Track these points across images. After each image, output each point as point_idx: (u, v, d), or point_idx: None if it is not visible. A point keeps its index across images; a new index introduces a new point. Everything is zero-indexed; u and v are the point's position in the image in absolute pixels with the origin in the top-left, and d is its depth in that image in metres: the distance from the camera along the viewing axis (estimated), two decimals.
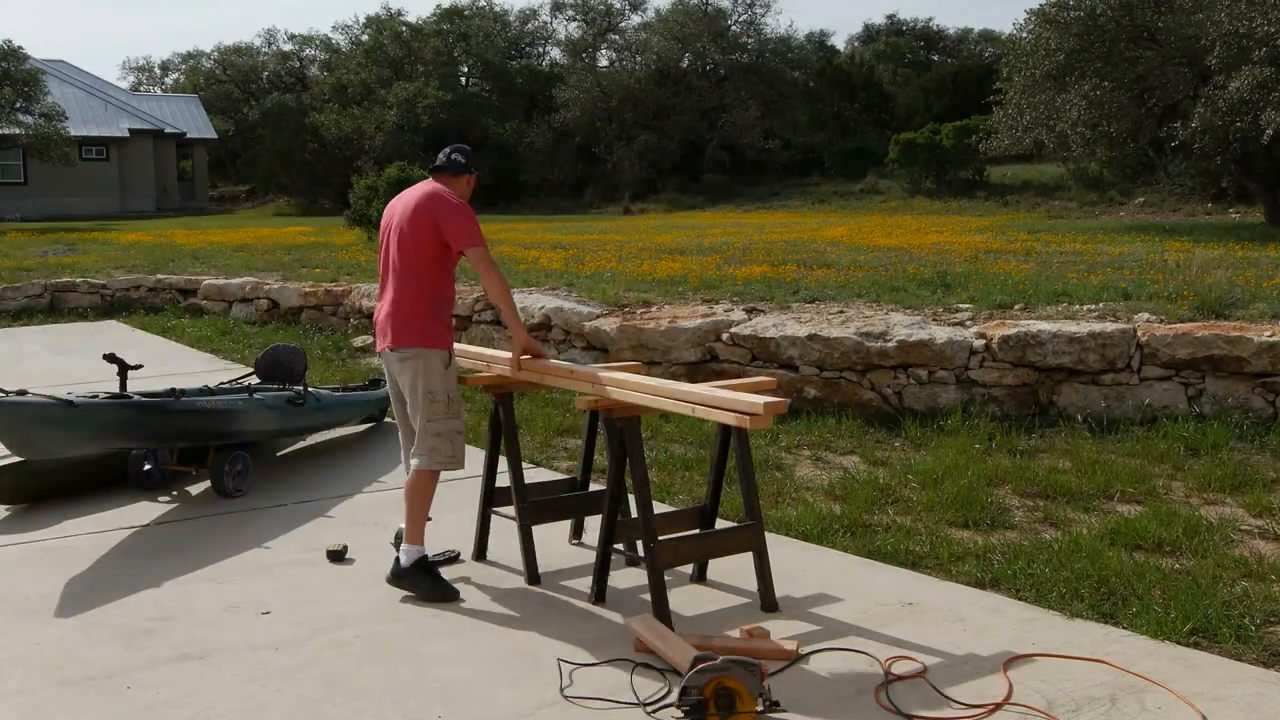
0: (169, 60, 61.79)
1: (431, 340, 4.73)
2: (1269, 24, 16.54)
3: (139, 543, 5.50)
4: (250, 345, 11.45)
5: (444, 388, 4.73)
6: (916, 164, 31.44)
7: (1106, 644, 4.09)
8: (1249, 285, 9.32)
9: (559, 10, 48.86)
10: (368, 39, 50.75)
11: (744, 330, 8.23)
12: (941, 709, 3.63)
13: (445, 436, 4.71)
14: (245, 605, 4.62)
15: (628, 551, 5.06)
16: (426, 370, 4.71)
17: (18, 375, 9.41)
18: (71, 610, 4.57)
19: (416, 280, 4.75)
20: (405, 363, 4.73)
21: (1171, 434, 6.80)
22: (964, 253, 13.98)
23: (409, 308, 4.74)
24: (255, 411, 6.47)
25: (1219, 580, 4.61)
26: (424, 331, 4.73)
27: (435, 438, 4.70)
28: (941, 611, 4.43)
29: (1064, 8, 19.54)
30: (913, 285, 10.12)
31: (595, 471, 5.63)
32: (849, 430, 7.36)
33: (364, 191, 20.91)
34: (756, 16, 42.66)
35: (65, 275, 15.60)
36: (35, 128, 33.39)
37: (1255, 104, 16.81)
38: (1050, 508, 5.69)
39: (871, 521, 5.55)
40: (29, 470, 6.04)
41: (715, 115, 39.19)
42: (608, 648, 4.12)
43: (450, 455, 4.74)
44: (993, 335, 7.60)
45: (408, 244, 4.74)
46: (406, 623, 4.43)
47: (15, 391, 5.54)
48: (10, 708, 3.73)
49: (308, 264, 15.63)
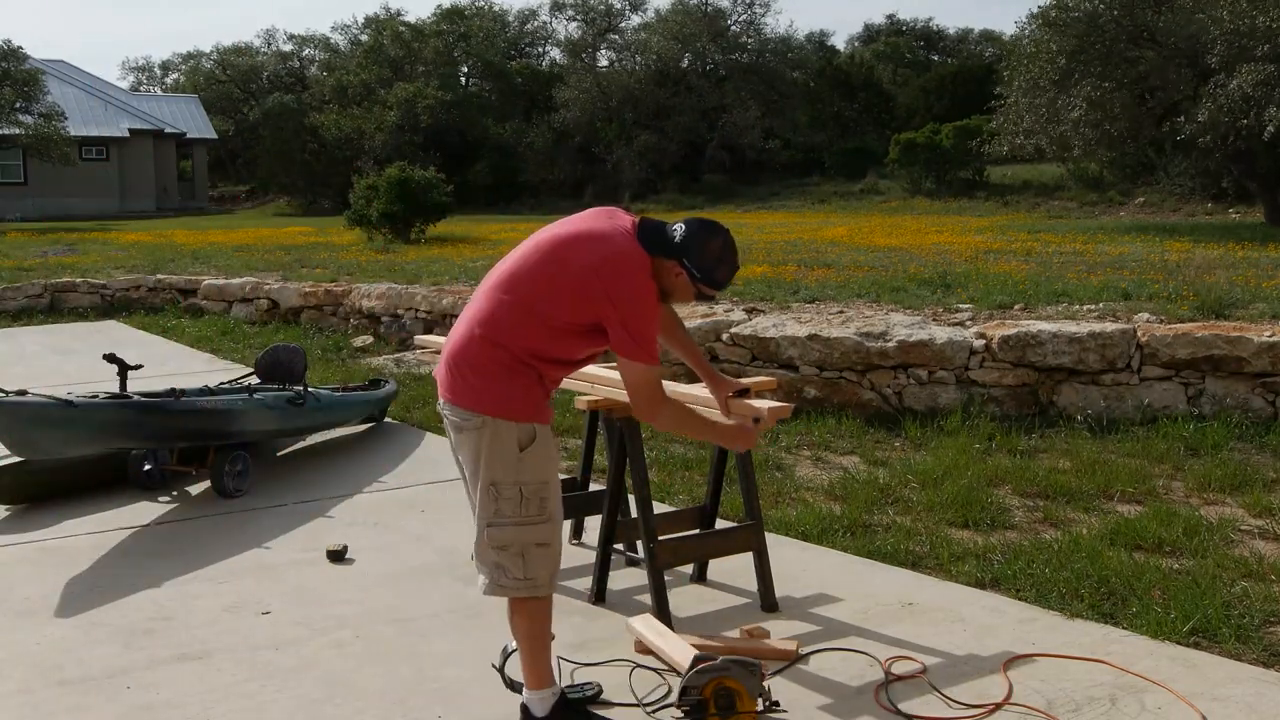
0: (169, 60, 61.92)
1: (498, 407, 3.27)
2: (1271, 20, 16.54)
3: (139, 543, 5.50)
4: (250, 345, 11.45)
5: (514, 479, 3.28)
6: (916, 164, 31.44)
7: (1106, 644, 4.08)
8: (1249, 285, 9.32)
9: (559, 10, 48.88)
10: (367, 39, 50.77)
11: (744, 330, 8.23)
12: (941, 709, 3.63)
13: (514, 550, 3.29)
14: (245, 605, 4.62)
15: (628, 551, 5.06)
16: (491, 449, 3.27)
17: (18, 375, 9.41)
18: (71, 610, 4.57)
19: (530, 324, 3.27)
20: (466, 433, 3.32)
21: (1171, 434, 6.80)
22: (964, 253, 13.98)
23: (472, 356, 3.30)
24: (255, 411, 6.47)
25: (1219, 580, 4.61)
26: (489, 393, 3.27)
27: (497, 551, 3.30)
28: (941, 611, 4.43)
29: (1064, 9, 19.54)
30: (913, 285, 10.12)
31: (595, 471, 5.63)
32: (849, 430, 7.36)
33: (364, 191, 20.95)
34: (756, 16, 42.69)
35: (65, 275, 15.60)
36: (35, 128, 33.41)
37: (1257, 101, 16.82)
38: (1050, 508, 5.69)
39: (871, 521, 5.55)
40: (29, 470, 6.03)
41: (715, 115, 39.18)
42: (608, 648, 4.12)
43: (520, 578, 3.29)
44: (993, 335, 7.60)
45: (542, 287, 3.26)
46: (406, 623, 4.42)
47: (15, 391, 5.54)
48: (10, 708, 3.73)
49: (308, 264, 15.63)
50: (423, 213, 20.88)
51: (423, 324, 11.37)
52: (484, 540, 3.30)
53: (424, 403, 8.58)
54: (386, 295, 11.97)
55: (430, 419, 8.13)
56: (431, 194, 20.86)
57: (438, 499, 6.13)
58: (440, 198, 21.12)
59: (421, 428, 7.95)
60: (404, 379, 9.36)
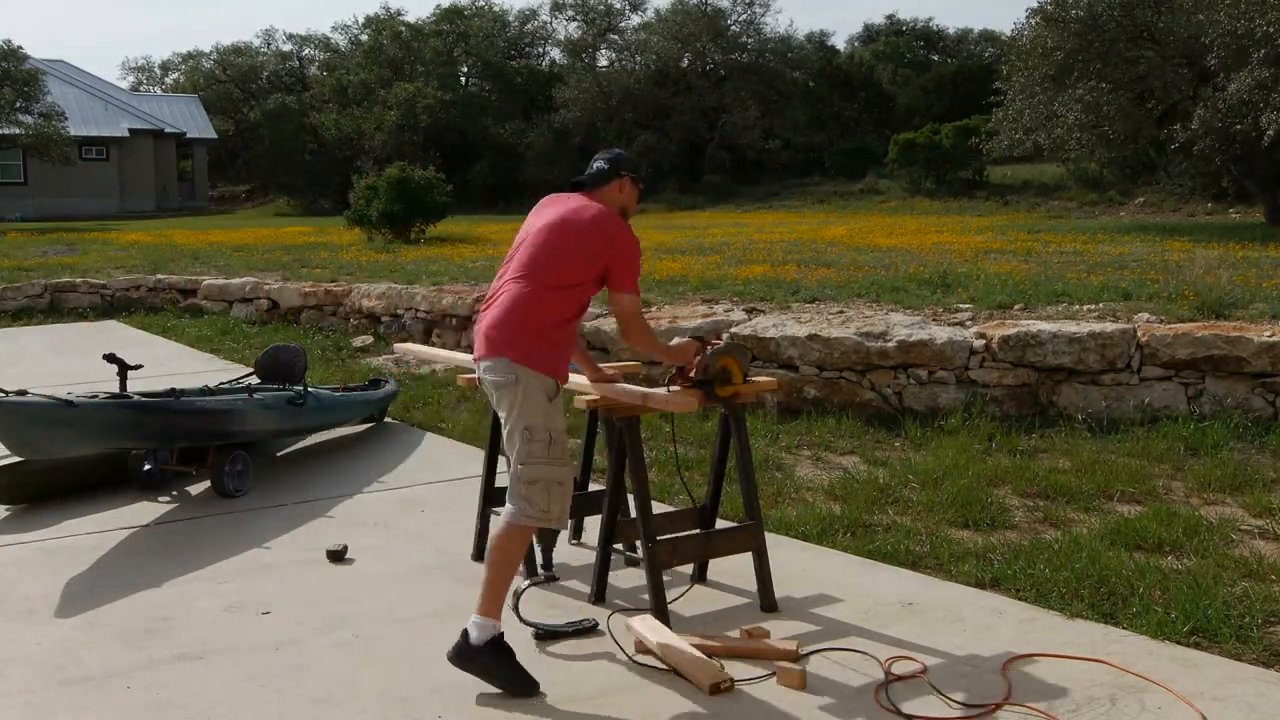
0: (169, 60, 61.82)
1: (534, 359, 3.92)
2: (1269, 24, 16.53)
3: (139, 543, 5.50)
4: (250, 345, 11.45)
5: (544, 424, 3.91)
6: (916, 164, 31.44)
7: (1106, 644, 4.09)
8: (1249, 285, 9.32)
9: (559, 10, 48.93)
10: (367, 39, 50.77)
11: (744, 330, 8.23)
12: (941, 709, 3.63)
13: (542, 485, 3.91)
14: (245, 605, 4.62)
15: (628, 551, 5.06)
16: (525, 398, 3.91)
17: (18, 375, 9.41)
18: (71, 610, 4.57)
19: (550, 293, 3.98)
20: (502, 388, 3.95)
21: (1171, 434, 6.79)
22: (964, 253, 13.98)
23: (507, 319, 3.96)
24: (255, 411, 6.47)
25: (1219, 580, 4.61)
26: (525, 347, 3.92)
27: (527, 485, 3.92)
28: (941, 611, 4.43)
29: (1063, 7, 19.54)
30: (913, 285, 10.12)
31: (595, 471, 5.63)
32: (849, 430, 7.36)
33: (364, 191, 20.95)
34: (756, 16, 42.72)
35: (65, 275, 15.60)
36: (35, 128, 33.40)
37: (1255, 105, 16.81)
38: (1050, 508, 5.69)
39: (871, 521, 5.55)
40: (29, 470, 6.04)
41: (715, 115, 39.20)
42: (608, 648, 4.12)
43: (543, 510, 3.91)
44: (993, 335, 7.60)
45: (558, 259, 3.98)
46: (406, 623, 4.43)
47: (15, 391, 5.54)
48: (10, 708, 3.73)
49: (308, 264, 15.63)
50: (423, 213, 20.89)
51: (423, 324, 11.37)
52: (517, 477, 3.90)
53: (424, 403, 8.58)
54: (386, 295, 11.98)
55: (430, 419, 8.13)
56: (431, 194, 20.86)
57: (438, 499, 6.13)
58: (440, 198, 21.12)
59: (421, 428, 7.95)
60: (404, 379, 9.36)
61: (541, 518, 3.91)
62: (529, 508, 3.90)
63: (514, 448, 3.92)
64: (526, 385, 3.90)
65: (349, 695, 3.79)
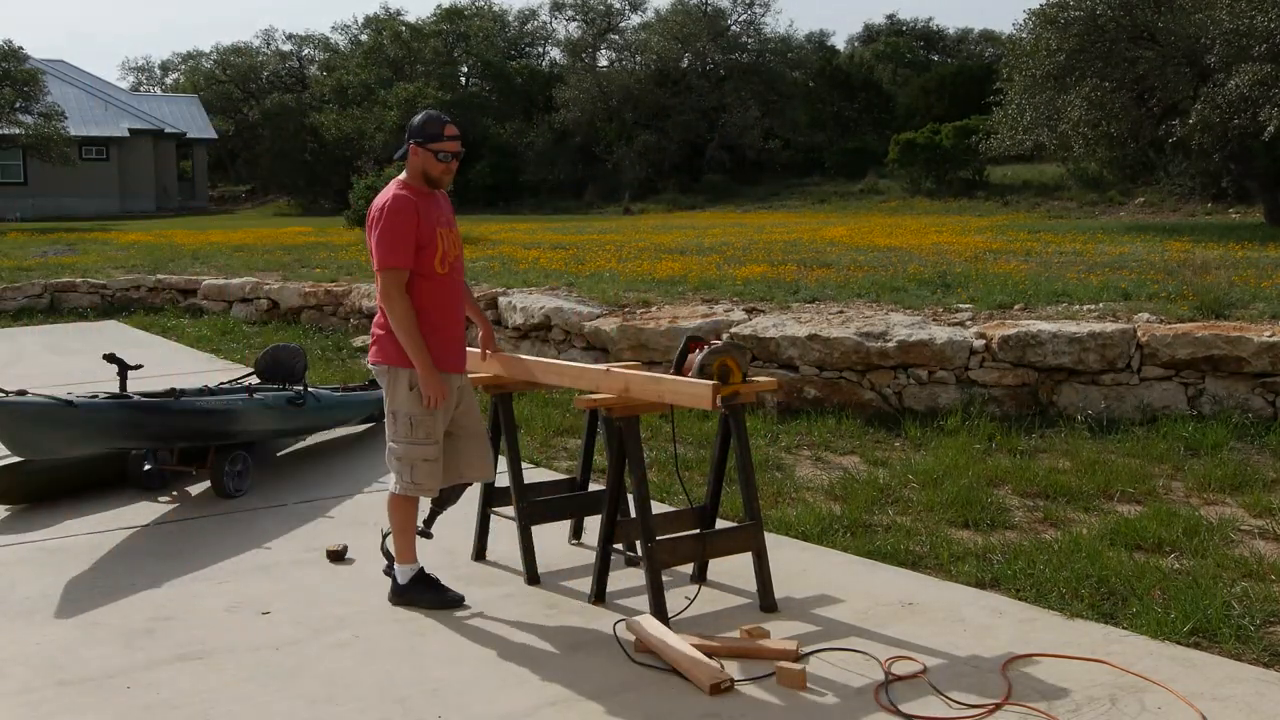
0: (169, 60, 61.79)
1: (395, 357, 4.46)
2: (1269, 20, 16.53)
3: (139, 543, 5.50)
4: (250, 345, 11.45)
5: (406, 410, 4.46)
6: (916, 164, 31.44)
7: (1106, 644, 4.09)
8: (1249, 285, 9.32)
9: (559, 10, 48.93)
10: (367, 39, 50.76)
11: (744, 330, 8.23)
12: (941, 709, 3.63)
13: (405, 461, 4.48)
14: (245, 605, 4.62)
15: (627, 551, 5.06)
16: (392, 388, 4.50)
17: (17, 375, 9.41)
18: (71, 610, 4.57)
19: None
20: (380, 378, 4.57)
21: (1171, 434, 6.80)
22: (964, 253, 13.98)
23: (380, 321, 4.54)
24: (255, 412, 6.47)
25: (1219, 580, 4.61)
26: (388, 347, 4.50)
27: (396, 461, 4.51)
28: (941, 611, 4.43)
29: (1064, 8, 19.53)
30: (913, 285, 10.12)
31: (595, 471, 5.63)
32: (849, 430, 7.36)
33: (364, 191, 20.91)
34: (756, 16, 42.73)
35: (65, 275, 15.61)
36: (35, 128, 33.39)
37: (1254, 101, 16.80)
38: (1050, 508, 5.69)
39: (871, 521, 5.55)
40: (29, 470, 6.04)
41: (715, 115, 39.19)
42: (608, 648, 4.12)
43: (410, 482, 4.49)
44: (993, 335, 7.60)
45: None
46: (406, 623, 4.43)
47: (15, 391, 5.54)
48: (10, 708, 3.73)
49: (308, 264, 15.63)
50: None
51: None
52: (389, 453, 4.53)
53: None
54: None
55: None
56: None
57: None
58: None
59: None
60: None
61: (412, 489, 4.50)
62: (400, 480, 4.51)
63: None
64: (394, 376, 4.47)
65: (349, 695, 3.79)
